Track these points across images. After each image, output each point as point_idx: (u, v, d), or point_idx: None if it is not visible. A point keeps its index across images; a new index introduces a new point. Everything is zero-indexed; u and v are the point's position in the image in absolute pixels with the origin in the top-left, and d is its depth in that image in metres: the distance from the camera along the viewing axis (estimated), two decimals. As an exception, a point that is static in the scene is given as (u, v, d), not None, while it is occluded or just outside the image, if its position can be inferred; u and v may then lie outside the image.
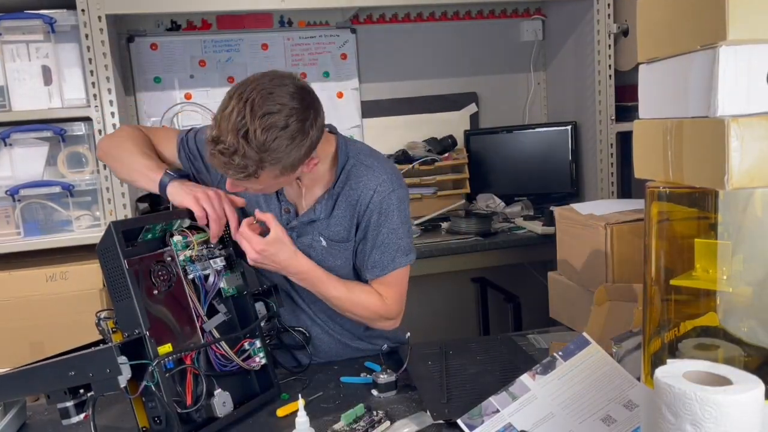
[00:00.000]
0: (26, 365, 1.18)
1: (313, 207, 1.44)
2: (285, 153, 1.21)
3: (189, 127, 1.55)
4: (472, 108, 3.25)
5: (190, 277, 1.27)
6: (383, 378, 1.31)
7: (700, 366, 0.78)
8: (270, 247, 1.32)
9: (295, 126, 1.20)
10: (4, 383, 1.18)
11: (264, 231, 1.35)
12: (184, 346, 1.19)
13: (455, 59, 3.20)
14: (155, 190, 1.37)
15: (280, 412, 1.26)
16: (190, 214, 1.31)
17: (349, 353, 1.55)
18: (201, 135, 1.49)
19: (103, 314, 1.16)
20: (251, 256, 1.32)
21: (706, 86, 0.84)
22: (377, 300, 1.47)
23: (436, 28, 3.16)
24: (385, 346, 1.57)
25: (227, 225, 1.35)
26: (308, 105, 1.23)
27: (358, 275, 1.51)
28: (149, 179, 1.38)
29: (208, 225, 1.31)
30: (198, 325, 1.25)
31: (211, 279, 1.30)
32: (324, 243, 1.45)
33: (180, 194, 1.33)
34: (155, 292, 1.19)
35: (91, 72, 2.30)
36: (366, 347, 1.57)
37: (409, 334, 1.47)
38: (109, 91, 2.32)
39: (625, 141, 2.88)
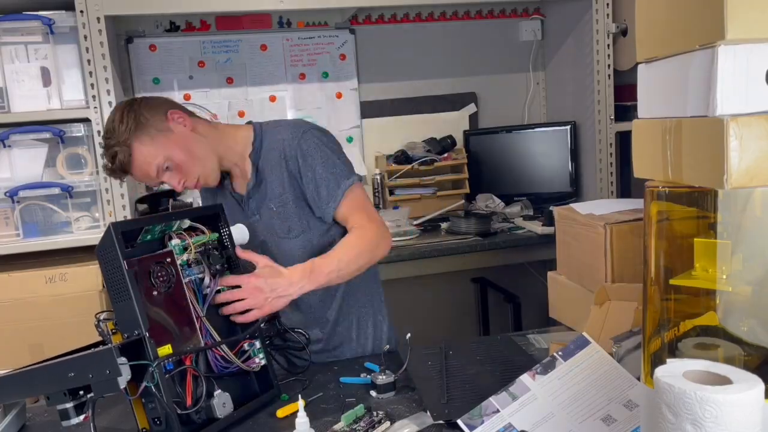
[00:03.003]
0: (26, 367, 1.18)
1: (246, 183, 1.56)
2: (125, 125, 1.42)
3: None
4: (471, 108, 3.25)
5: (188, 279, 1.27)
6: (382, 379, 1.31)
7: (699, 365, 0.78)
8: (265, 272, 1.38)
9: (119, 114, 1.44)
10: (4, 385, 1.17)
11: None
12: (183, 347, 1.19)
13: (454, 59, 3.20)
14: None
15: (280, 412, 1.26)
16: (188, 214, 1.31)
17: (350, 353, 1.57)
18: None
19: (102, 315, 1.16)
20: (253, 296, 1.34)
21: (704, 86, 0.84)
22: (359, 232, 1.50)
23: (435, 28, 3.16)
24: (387, 346, 1.57)
25: (221, 224, 1.37)
26: (126, 103, 1.48)
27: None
28: None
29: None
30: (198, 326, 1.25)
31: (206, 281, 1.30)
32: (273, 207, 1.53)
33: None
34: (155, 293, 1.18)
35: (90, 73, 2.30)
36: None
37: (409, 335, 1.47)
38: (108, 92, 2.32)
39: (624, 140, 2.88)
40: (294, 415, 1.17)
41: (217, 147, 1.53)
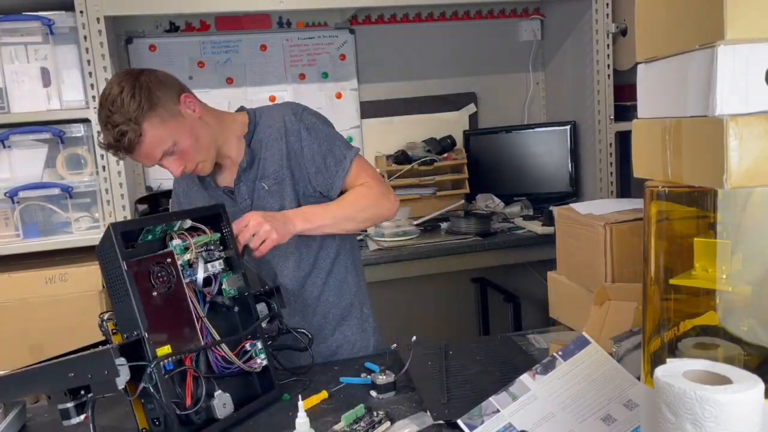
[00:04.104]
0: (26, 367, 1.18)
1: (238, 165, 1.54)
2: (137, 103, 1.36)
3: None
4: (471, 108, 3.25)
5: (189, 280, 1.27)
6: (382, 379, 1.31)
7: (699, 365, 0.78)
8: (261, 213, 1.41)
9: (128, 88, 1.37)
10: (4, 385, 1.18)
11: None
12: (183, 348, 1.19)
13: (454, 59, 3.20)
14: None
15: (306, 404, 1.24)
16: (189, 214, 1.31)
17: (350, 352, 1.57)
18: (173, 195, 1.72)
19: (106, 315, 1.16)
20: (256, 224, 1.38)
21: (704, 85, 0.84)
22: (364, 189, 1.54)
23: (435, 29, 3.16)
24: (395, 345, 1.58)
25: (223, 224, 1.37)
26: (134, 75, 1.41)
27: None
28: None
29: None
30: (198, 327, 1.25)
31: (202, 279, 1.30)
32: (265, 186, 1.53)
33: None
34: (155, 293, 1.18)
35: (90, 74, 2.30)
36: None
37: (415, 337, 1.47)
38: (108, 92, 2.32)
39: (624, 140, 2.88)
40: (316, 405, 1.21)
41: (218, 136, 1.53)
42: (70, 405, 1.11)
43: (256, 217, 1.39)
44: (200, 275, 1.29)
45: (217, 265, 1.32)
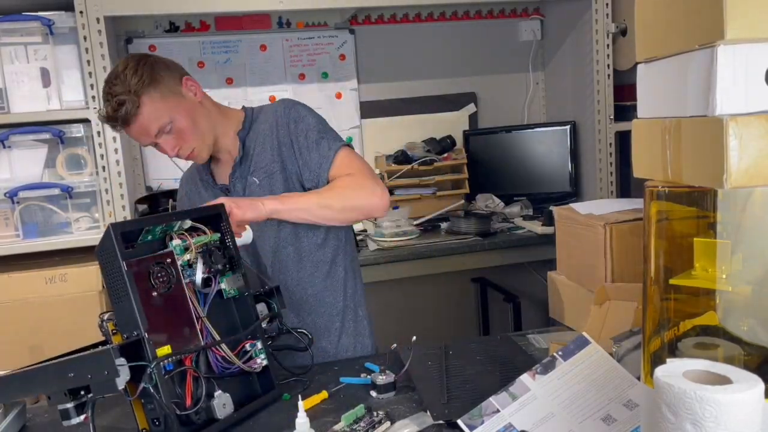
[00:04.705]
0: (26, 367, 1.18)
1: (232, 158, 1.57)
2: (139, 77, 1.42)
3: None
4: (470, 108, 3.25)
5: (189, 280, 1.27)
6: (382, 379, 1.31)
7: (699, 365, 0.78)
8: (230, 198, 1.40)
9: (132, 64, 1.44)
10: (4, 385, 1.18)
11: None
12: (183, 348, 1.19)
13: (454, 59, 3.20)
14: None
15: (306, 404, 1.23)
16: (189, 215, 1.31)
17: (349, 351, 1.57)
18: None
19: (106, 315, 1.16)
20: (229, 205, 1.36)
21: (704, 85, 0.84)
22: (346, 179, 1.50)
23: (435, 29, 3.16)
24: (395, 345, 1.57)
25: (223, 224, 1.37)
26: (140, 55, 1.49)
27: None
28: None
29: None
30: (198, 327, 1.25)
31: (201, 279, 1.30)
32: (257, 180, 1.54)
33: None
34: (155, 293, 1.18)
35: (90, 74, 2.30)
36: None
37: (414, 338, 1.47)
38: (108, 92, 2.32)
39: (624, 140, 2.89)
40: (316, 405, 1.20)
41: (216, 126, 1.56)
42: (70, 405, 1.11)
43: (226, 202, 1.38)
44: (199, 275, 1.28)
45: (218, 266, 1.32)
